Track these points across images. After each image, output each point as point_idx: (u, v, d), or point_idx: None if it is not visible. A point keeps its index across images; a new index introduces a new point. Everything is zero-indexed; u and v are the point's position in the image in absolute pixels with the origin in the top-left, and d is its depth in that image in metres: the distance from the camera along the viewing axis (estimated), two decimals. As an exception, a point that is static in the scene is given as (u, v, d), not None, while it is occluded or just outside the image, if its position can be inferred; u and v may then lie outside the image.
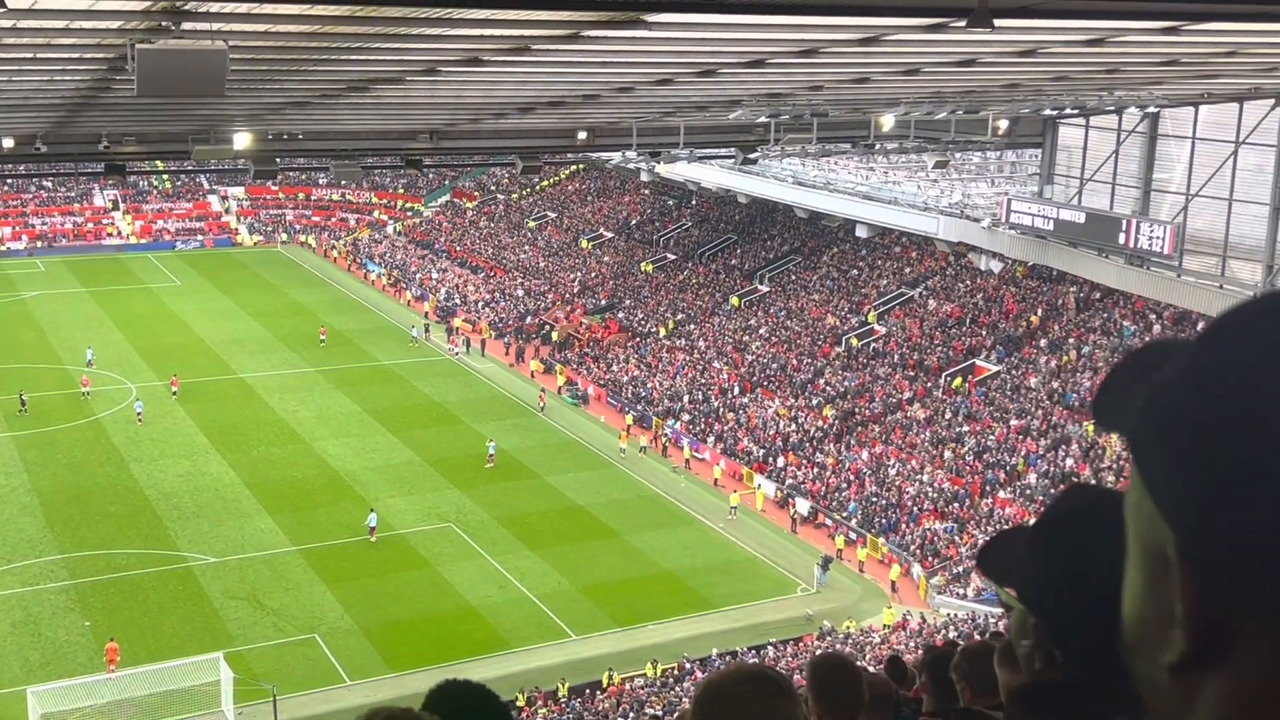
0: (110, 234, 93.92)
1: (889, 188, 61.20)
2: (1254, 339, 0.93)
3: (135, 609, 37.95)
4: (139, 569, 40.49)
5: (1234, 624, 0.91)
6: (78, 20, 15.40)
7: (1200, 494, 0.92)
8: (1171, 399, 0.96)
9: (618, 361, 63.10)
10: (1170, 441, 0.94)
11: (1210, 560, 0.92)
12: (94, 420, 54.49)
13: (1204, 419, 0.92)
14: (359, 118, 31.85)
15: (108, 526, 43.59)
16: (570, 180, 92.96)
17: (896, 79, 27.03)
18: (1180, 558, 0.94)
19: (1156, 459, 0.96)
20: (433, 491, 47.77)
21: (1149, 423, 0.97)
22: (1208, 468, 0.91)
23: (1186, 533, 0.93)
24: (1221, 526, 0.90)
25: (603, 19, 16.35)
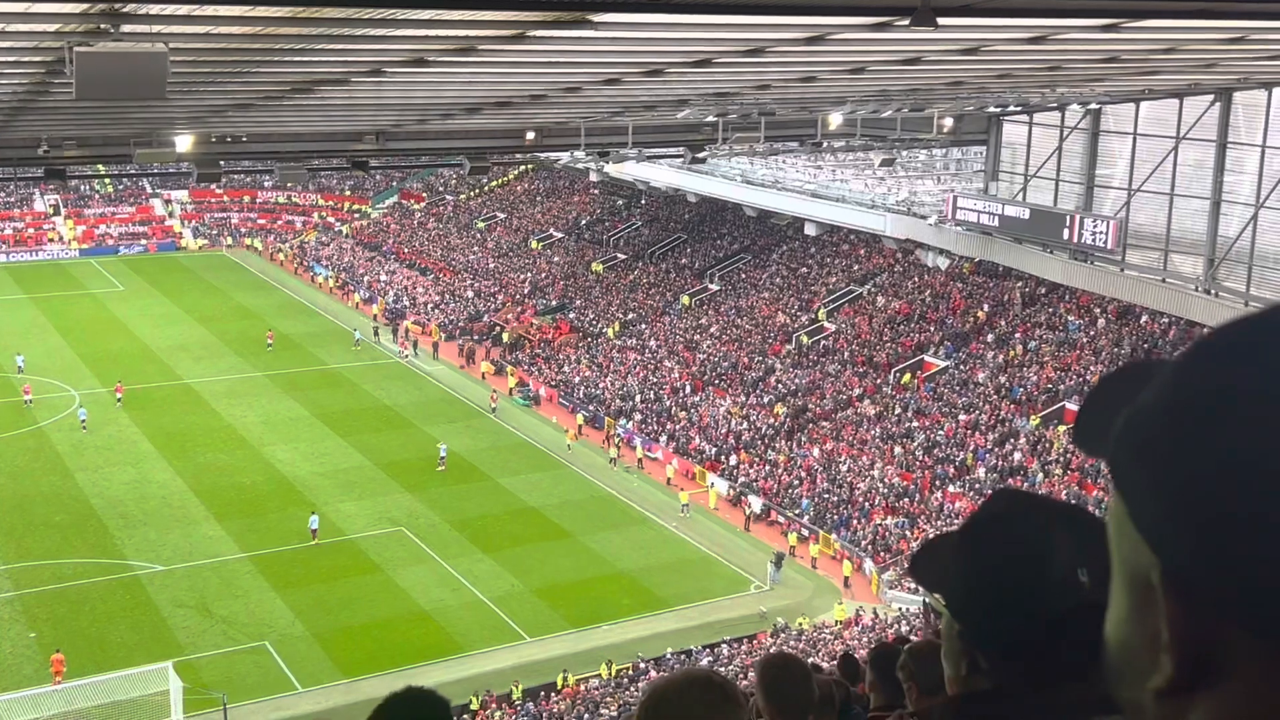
0: (52, 239, 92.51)
1: (837, 186, 61.58)
2: (1232, 362, 0.92)
3: (82, 619, 37.40)
4: (85, 579, 39.91)
5: (1220, 649, 0.91)
6: (14, 23, 15.15)
7: (1181, 519, 0.91)
8: (1148, 423, 0.95)
9: (569, 362, 63.02)
10: (1148, 466, 0.94)
11: (1194, 586, 0.91)
12: (36, 428, 53.64)
13: (1181, 443, 0.92)
14: (304, 119, 31.57)
15: (52, 536, 42.92)
16: (519, 181, 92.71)
17: (842, 78, 27.19)
18: (1164, 583, 0.94)
19: (1136, 484, 0.95)
20: (383, 495, 47.47)
21: (1126, 447, 0.96)
22: (1187, 493, 0.91)
23: (1170, 559, 0.93)
24: (1203, 552, 0.90)
25: (548, 19, 16.30)
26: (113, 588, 39.48)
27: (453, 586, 40.31)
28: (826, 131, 40.60)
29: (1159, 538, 0.93)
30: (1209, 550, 0.89)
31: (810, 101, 35.82)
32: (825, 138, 41.58)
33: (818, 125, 40.07)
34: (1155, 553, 0.94)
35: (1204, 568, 0.90)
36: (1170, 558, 0.93)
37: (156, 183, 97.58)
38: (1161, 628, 0.94)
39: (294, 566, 41.32)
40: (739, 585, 41.63)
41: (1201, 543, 0.90)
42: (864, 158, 56.16)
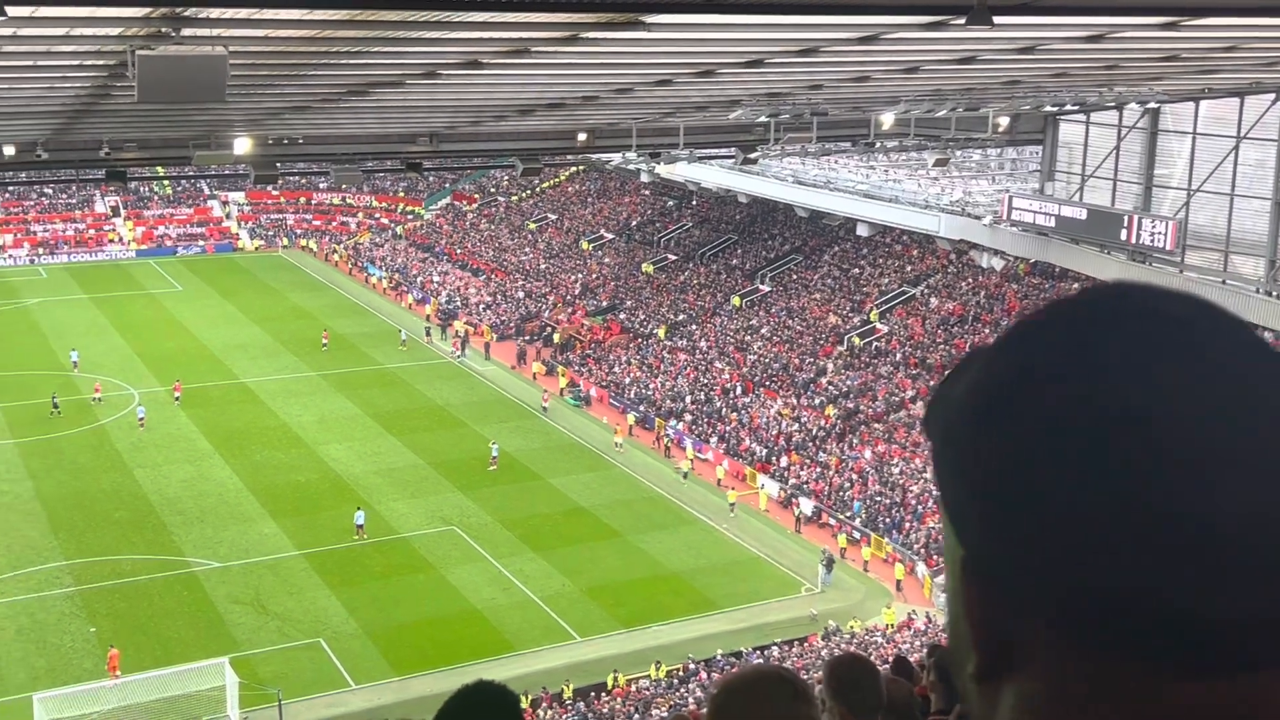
0: (111, 240, 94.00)
1: (889, 186, 61.22)
2: (1031, 349, 0.92)
3: (140, 614, 37.98)
4: (144, 575, 40.53)
5: (1020, 635, 0.91)
6: (78, 28, 15.41)
7: (977, 505, 0.91)
8: (952, 409, 0.95)
9: (619, 363, 63.11)
10: (950, 451, 0.94)
11: (991, 573, 0.91)
12: (98, 426, 54.53)
13: (977, 429, 0.92)
14: (359, 121, 31.86)
15: (112, 532, 43.62)
16: (570, 182, 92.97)
17: (896, 77, 27.03)
18: (963, 569, 0.94)
19: (941, 469, 0.95)
20: (436, 494, 47.79)
21: (933, 434, 0.97)
22: (982, 479, 0.90)
23: (968, 544, 0.93)
24: (998, 539, 0.89)
25: (601, 20, 16.35)
26: (170, 584, 40.05)
27: (504, 585, 40.51)
28: (879, 131, 40.38)
29: (960, 523, 0.93)
30: (1003, 538, 0.89)
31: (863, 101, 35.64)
32: (878, 138, 41.35)
33: (870, 125, 39.88)
34: (957, 538, 0.94)
35: (999, 555, 0.90)
36: (969, 543, 0.93)
37: (214, 184, 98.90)
38: (963, 615, 0.95)
39: (348, 564, 41.71)
40: (789, 587, 41.50)
41: (996, 530, 0.90)
42: (917, 158, 55.79)
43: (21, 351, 64.68)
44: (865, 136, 40.95)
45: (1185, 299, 0.93)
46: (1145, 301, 0.92)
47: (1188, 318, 0.91)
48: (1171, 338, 0.89)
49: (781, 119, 36.88)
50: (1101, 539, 0.84)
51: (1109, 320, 0.91)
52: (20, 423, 54.55)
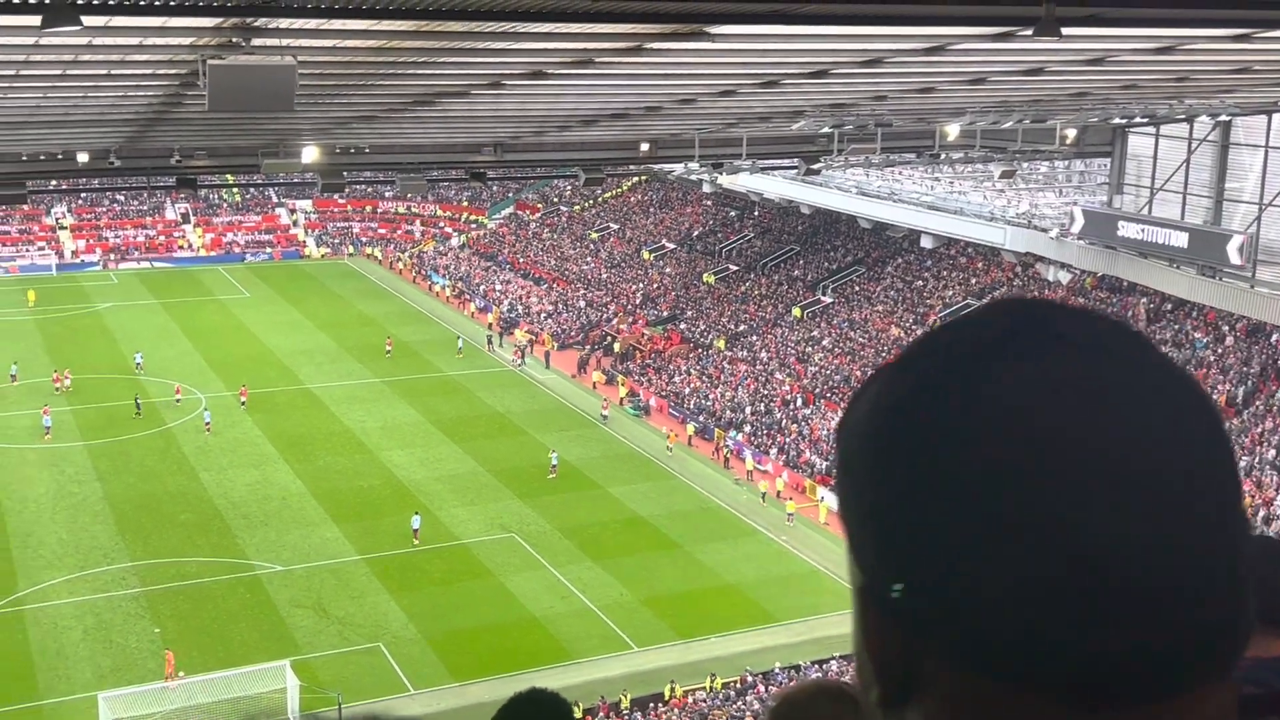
0: (181, 246, 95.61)
1: (954, 198, 60.71)
2: (926, 371, 0.90)
3: (204, 616, 38.51)
4: (208, 577, 41.10)
5: (919, 663, 0.89)
6: (151, 37, 15.70)
7: (870, 532, 0.89)
8: (846, 436, 0.93)
9: (679, 373, 63.08)
10: (844, 478, 0.92)
11: (891, 607, 0.89)
12: (164, 430, 55.43)
13: (869, 456, 0.90)
14: (424, 131, 32.17)
15: (178, 535, 44.30)
16: (632, 192, 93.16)
17: (962, 88, 26.82)
18: (861, 597, 0.93)
19: (839, 494, 0.94)
20: (496, 501, 48.03)
21: (837, 455, 0.95)
22: (874, 506, 0.89)
23: (867, 571, 0.91)
24: (890, 565, 0.88)
25: (666, 31, 16.38)
26: (234, 586, 40.58)
27: (562, 594, 40.60)
28: (945, 143, 40.08)
29: (857, 548, 0.92)
30: (894, 564, 0.87)
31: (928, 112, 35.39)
32: (943, 149, 41.04)
33: (936, 136, 39.58)
34: (856, 566, 0.92)
35: (891, 582, 0.88)
36: (866, 569, 0.91)
37: (282, 192, 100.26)
38: (863, 643, 0.94)
39: (408, 569, 42.02)
40: (849, 602, 41.07)
41: (887, 556, 0.88)
42: (983, 169, 55.27)
43: (92, 355, 65.92)
44: (930, 148, 40.65)
45: (1088, 318, 0.90)
46: (1046, 321, 0.89)
47: (1089, 337, 0.88)
48: (1070, 360, 0.86)
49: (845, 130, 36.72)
50: (987, 568, 0.82)
51: (1004, 341, 0.88)
52: (91, 425, 55.60)
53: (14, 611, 38.36)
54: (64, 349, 67.39)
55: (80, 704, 33.08)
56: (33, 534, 43.91)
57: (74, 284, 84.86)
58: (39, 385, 60.78)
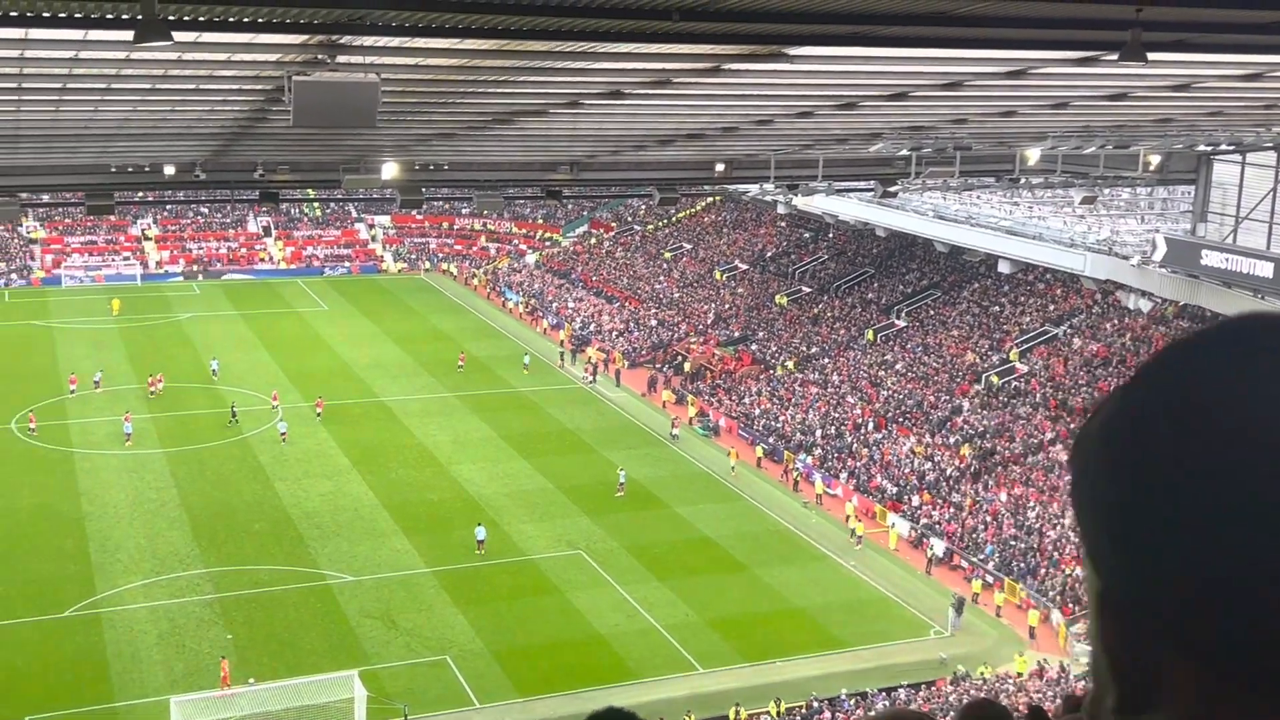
0: (262, 259, 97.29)
1: (1034, 223, 59.98)
2: (1161, 386, 0.93)
3: (276, 624, 38.99)
4: (280, 585, 41.61)
5: (1160, 671, 0.90)
6: (239, 53, 16.02)
7: (1109, 537, 0.91)
8: (1086, 443, 0.96)
9: (750, 394, 62.87)
10: (1086, 486, 0.94)
11: (1128, 607, 0.91)
12: (241, 439, 56.31)
13: (1109, 463, 0.92)
14: (502, 149, 32.45)
15: (252, 543, 44.93)
16: (706, 212, 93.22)
17: (1044, 112, 26.51)
18: (1100, 603, 0.94)
19: (1079, 503, 0.96)
20: (564, 518, 48.15)
21: (1074, 467, 0.97)
22: (1114, 512, 0.91)
23: (1105, 578, 0.93)
24: (1134, 573, 0.90)
25: (744, 52, 16.39)
26: (305, 595, 41.04)
27: (628, 612, 40.55)
28: (1025, 167, 39.61)
29: (1096, 554, 0.93)
30: (1135, 569, 0.89)
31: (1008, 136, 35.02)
32: (1023, 173, 40.57)
33: (1016, 161, 39.13)
34: (1094, 569, 0.93)
35: (1132, 586, 0.90)
36: (1105, 574, 0.93)
37: (361, 208, 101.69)
38: (1101, 649, 0.95)
39: (476, 583, 42.24)
40: (918, 629, 40.68)
41: (1128, 560, 0.90)
42: (1063, 195, 54.52)
43: (173, 364, 67.20)
44: (1010, 172, 40.20)
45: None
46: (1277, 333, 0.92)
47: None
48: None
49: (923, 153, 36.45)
50: (1232, 573, 0.83)
51: (1241, 352, 0.90)
52: (170, 433, 56.66)
53: (91, 614, 39.13)
54: (146, 357, 68.81)
55: (153, 707, 33.61)
56: (111, 538, 44.80)
57: (157, 294, 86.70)
58: (121, 392, 62.11)
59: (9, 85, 18.24)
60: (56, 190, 42.53)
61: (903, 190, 46.79)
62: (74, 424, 57.55)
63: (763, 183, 43.99)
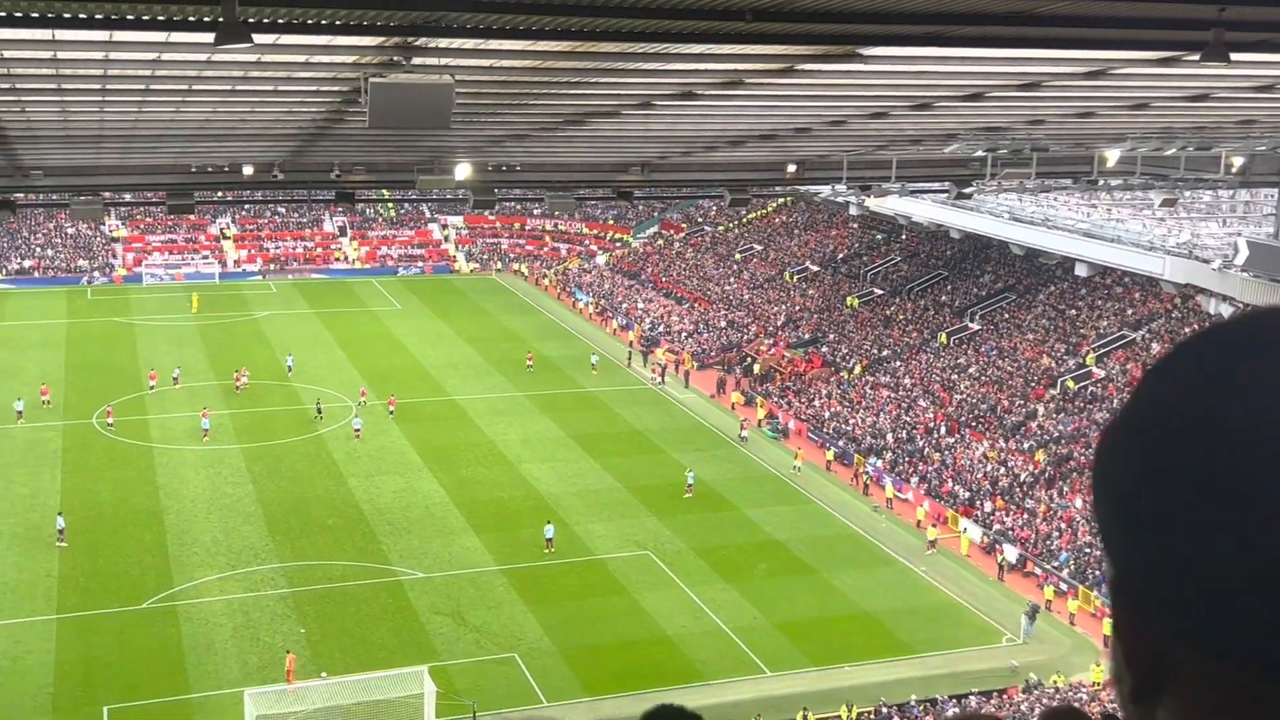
0: (337, 259, 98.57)
1: (1112, 225, 59.00)
2: (1171, 375, 0.95)
3: (348, 619, 39.48)
4: (352, 580, 42.13)
5: (1171, 659, 0.92)
6: (316, 55, 16.24)
7: (1119, 528, 0.94)
8: (1103, 439, 0.99)
9: (819, 396, 62.51)
10: (1101, 478, 0.97)
11: (1139, 596, 0.94)
12: (316, 436, 57.09)
13: (1116, 455, 0.96)
14: (574, 150, 32.56)
15: (325, 538, 45.53)
16: (777, 213, 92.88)
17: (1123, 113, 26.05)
18: (1114, 593, 0.97)
19: (1096, 495, 0.98)
20: (632, 518, 48.21)
21: (1095, 459, 1.00)
22: (1122, 502, 0.94)
23: (1118, 568, 0.95)
24: (1140, 559, 0.92)
25: (818, 53, 16.30)
26: (377, 591, 41.51)
27: (695, 614, 40.51)
28: (1103, 169, 38.96)
29: (1108, 543, 0.96)
30: (1144, 558, 0.91)
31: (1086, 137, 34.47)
32: (1101, 175, 39.90)
33: (1094, 162, 38.51)
34: (1109, 563, 0.96)
35: (1143, 575, 0.92)
36: (1117, 563, 0.95)
37: (435, 208, 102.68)
38: (1115, 637, 0.97)
39: (545, 582, 42.45)
40: (989, 636, 40.20)
41: (1137, 550, 0.92)
42: (1143, 197, 53.62)
43: (250, 361, 68.26)
44: (1088, 174, 39.56)
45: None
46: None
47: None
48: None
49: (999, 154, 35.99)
50: (1236, 561, 0.84)
51: (1255, 347, 0.91)
52: (246, 429, 57.59)
53: (168, 606, 39.90)
54: (224, 355, 70.04)
55: (227, 699, 34.19)
56: (188, 532, 45.64)
57: (235, 292, 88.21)
58: (199, 389, 63.26)
59: (94, 87, 18.66)
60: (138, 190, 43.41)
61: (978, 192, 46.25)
62: (153, 419, 58.73)
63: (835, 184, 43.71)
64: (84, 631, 38.00)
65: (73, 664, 36.06)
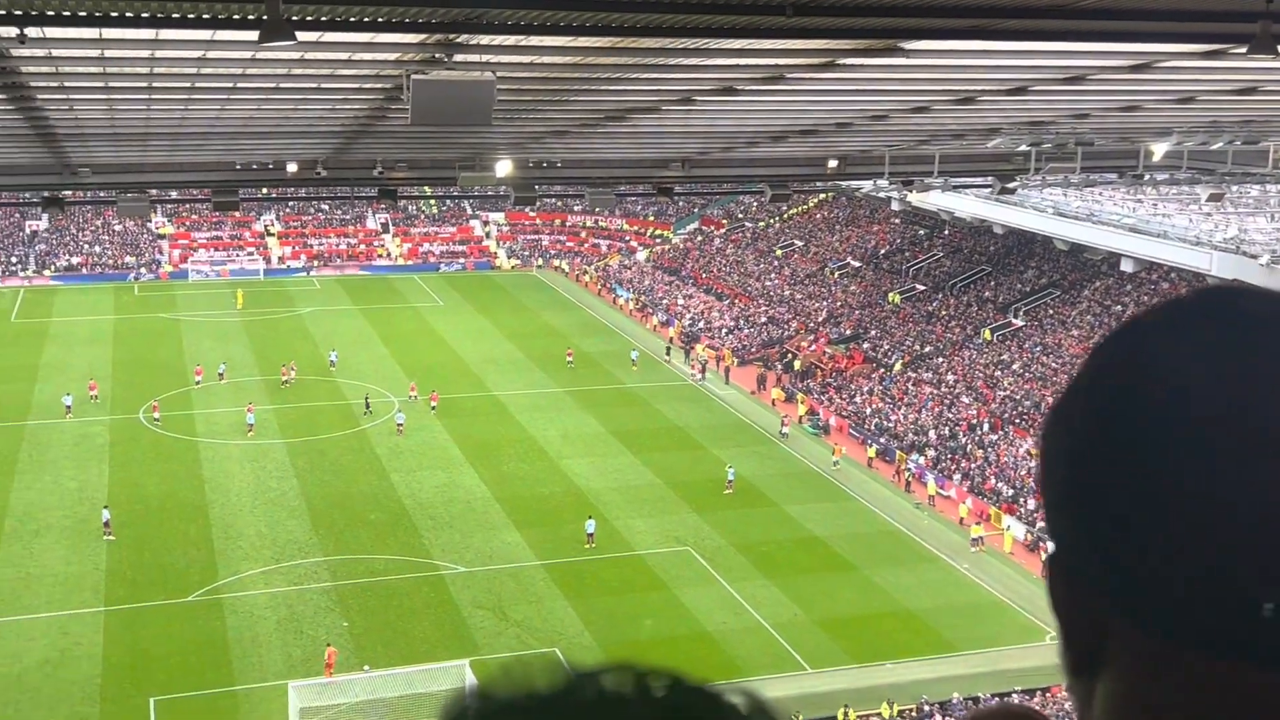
0: (380, 255, 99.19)
1: (1158, 220, 58.35)
2: (1107, 351, 0.96)
3: (390, 612, 39.75)
4: (394, 574, 42.42)
5: (1106, 631, 0.93)
6: (359, 52, 16.36)
7: (1054, 502, 0.95)
8: (1049, 415, 0.99)
9: (861, 392, 62.25)
10: (1044, 451, 0.98)
11: (1074, 570, 0.94)
12: (359, 430, 57.51)
13: (1052, 430, 0.97)
14: (614, 146, 32.59)
15: (368, 533, 45.86)
16: (819, 208, 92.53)
17: (1169, 107, 25.77)
18: (1052, 567, 0.98)
19: (1040, 468, 1.00)
20: (672, 514, 48.23)
21: (1040, 435, 1.01)
22: (1056, 477, 0.95)
23: (1056, 541, 0.96)
24: (1073, 534, 0.93)
25: (859, 47, 16.24)
26: (419, 585, 41.77)
27: (735, 610, 40.48)
28: (1149, 163, 38.52)
29: (1048, 521, 0.97)
30: (1077, 532, 0.92)
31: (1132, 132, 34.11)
32: (1147, 170, 39.47)
33: (1140, 156, 38.10)
34: (1051, 538, 0.97)
35: (1076, 550, 0.93)
36: (1056, 540, 0.96)
37: (476, 205, 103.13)
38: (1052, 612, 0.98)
39: (585, 577, 42.55)
40: (1034, 634, 39.88)
41: (1071, 525, 0.93)
42: (1189, 192, 52.95)
43: (294, 357, 68.81)
44: (1133, 168, 39.13)
45: (1272, 297, 0.93)
46: (1227, 301, 0.93)
47: (1266, 314, 0.91)
48: (1245, 333, 0.90)
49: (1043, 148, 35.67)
50: (1164, 532, 0.85)
51: (1184, 326, 0.92)
52: (291, 424, 58.09)
53: (214, 599, 40.33)
54: (268, 350, 70.67)
55: (271, 691, 34.52)
56: (233, 526, 46.12)
57: (279, 288, 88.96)
58: (244, 384, 63.89)
59: (140, 85, 18.89)
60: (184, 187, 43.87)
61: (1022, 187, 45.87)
62: (198, 414, 59.37)
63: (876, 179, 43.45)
64: (131, 623, 38.50)
65: (120, 655, 36.54)
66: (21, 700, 34.16)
